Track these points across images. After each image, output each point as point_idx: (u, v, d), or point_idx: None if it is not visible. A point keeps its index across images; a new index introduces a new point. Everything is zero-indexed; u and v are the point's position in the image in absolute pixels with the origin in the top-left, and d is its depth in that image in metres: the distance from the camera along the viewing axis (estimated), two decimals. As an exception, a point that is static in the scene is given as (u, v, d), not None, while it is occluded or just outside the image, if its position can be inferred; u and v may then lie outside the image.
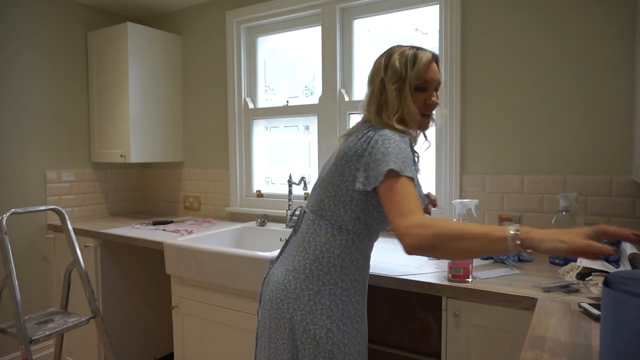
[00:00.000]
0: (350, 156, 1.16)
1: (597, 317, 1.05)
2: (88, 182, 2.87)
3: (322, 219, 1.22)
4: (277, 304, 1.21)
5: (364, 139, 1.16)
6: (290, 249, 1.30)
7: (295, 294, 1.19)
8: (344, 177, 1.17)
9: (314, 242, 1.21)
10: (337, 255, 1.20)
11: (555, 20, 1.80)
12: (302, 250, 1.22)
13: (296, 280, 1.20)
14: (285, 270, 1.25)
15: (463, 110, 2.01)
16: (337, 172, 1.19)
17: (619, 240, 1.50)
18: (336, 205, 1.19)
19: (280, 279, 1.24)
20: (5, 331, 1.73)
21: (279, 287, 1.22)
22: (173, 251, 1.97)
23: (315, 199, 1.25)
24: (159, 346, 2.78)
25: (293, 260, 1.24)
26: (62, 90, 2.72)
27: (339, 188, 1.18)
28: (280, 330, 1.20)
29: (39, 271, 2.64)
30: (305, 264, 1.21)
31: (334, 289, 1.19)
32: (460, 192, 2.02)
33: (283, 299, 1.20)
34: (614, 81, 1.71)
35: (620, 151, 1.71)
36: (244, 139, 2.71)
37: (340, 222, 1.20)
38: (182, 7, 2.89)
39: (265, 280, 1.33)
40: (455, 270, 1.40)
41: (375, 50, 2.29)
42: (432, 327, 2.07)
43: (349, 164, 1.16)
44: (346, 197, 1.18)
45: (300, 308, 1.17)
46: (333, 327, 1.17)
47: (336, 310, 1.19)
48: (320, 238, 1.21)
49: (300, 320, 1.17)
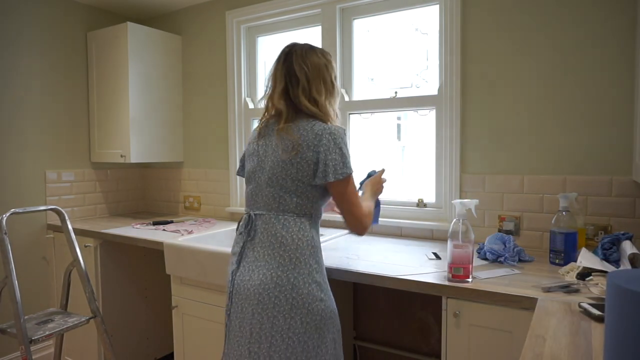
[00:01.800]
0: (304, 152, 1.30)
1: (597, 317, 1.05)
2: (88, 182, 2.87)
3: (285, 213, 1.34)
4: (273, 300, 1.29)
5: (313, 135, 1.31)
6: (257, 251, 1.35)
7: (290, 285, 1.29)
8: (300, 170, 1.31)
9: (289, 235, 1.32)
10: (311, 238, 1.35)
11: (555, 20, 1.80)
12: (280, 246, 1.32)
13: (287, 273, 1.30)
14: (267, 270, 1.31)
15: (463, 110, 2.01)
16: (294, 167, 1.31)
17: (619, 240, 1.50)
18: (298, 197, 1.33)
19: (267, 279, 1.30)
20: (5, 331, 1.73)
21: (270, 286, 1.29)
22: (173, 251, 1.97)
23: (270, 198, 1.35)
24: (159, 346, 2.78)
25: (273, 258, 1.32)
26: (62, 90, 2.72)
27: (298, 181, 1.32)
28: (281, 320, 1.28)
29: (39, 271, 2.64)
30: (290, 257, 1.31)
31: (316, 267, 1.35)
32: (460, 192, 2.02)
33: (283, 291, 1.29)
34: (614, 81, 1.71)
35: (620, 151, 1.71)
36: (244, 139, 2.71)
37: (303, 210, 1.35)
38: (182, 7, 2.89)
39: (234, 287, 1.38)
40: (455, 270, 1.40)
41: (375, 50, 2.30)
42: (432, 327, 2.07)
43: (305, 158, 1.31)
44: (305, 187, 1.33)
45: (300, 294, 1.29)
46: (323, 295, 1.34)
47: (323, 284, 1.36)
48: (292, 229, 1.33)
49: (302, 303, 1.29)
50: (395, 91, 2.23)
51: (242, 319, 1.35)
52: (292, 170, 1.32)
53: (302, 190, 1.33)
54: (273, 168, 1.34)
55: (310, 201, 1.35)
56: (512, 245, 1.64)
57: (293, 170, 1.31)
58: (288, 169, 1.32)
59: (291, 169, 1.32)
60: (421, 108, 2.17)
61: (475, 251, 1.72)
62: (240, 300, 1.36)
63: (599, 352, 0.87)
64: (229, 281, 1.42)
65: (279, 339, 1.28)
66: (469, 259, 1.39)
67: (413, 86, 2.20)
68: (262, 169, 1.38)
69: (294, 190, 1.33)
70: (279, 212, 1.34)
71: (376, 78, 2.32)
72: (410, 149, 2.36)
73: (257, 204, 1.38)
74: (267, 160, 1.37)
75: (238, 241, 1.43)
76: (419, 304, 2.10)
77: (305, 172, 1.31)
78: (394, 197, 2.24)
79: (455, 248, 1.39)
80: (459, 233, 1.38)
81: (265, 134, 1.41)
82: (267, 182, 1.35)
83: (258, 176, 1.39)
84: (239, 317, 1.36)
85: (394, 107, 2.23)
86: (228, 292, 1.42)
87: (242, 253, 1.39)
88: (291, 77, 1.36)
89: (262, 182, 1.37)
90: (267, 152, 1.38)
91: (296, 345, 1.28)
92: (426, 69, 2.17)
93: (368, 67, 2.33)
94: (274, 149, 1.36)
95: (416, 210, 2.15)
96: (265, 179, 1.36)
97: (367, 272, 1.56)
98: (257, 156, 1.41)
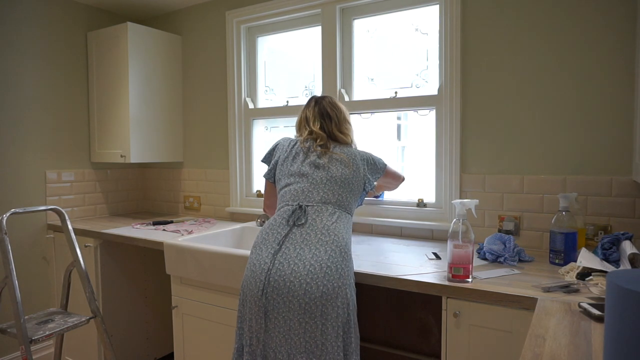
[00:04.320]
0: (358, 165, 1.65)
1: (597, 317, 1.05)
2: (88, 182, 2.87)
3: (340, 208, 1.57)
4: (321, 288, 1.38)
5: (357, 153, 1.69)
6: (303, 238, 1.47)
7: (339, 275, 1.42)
8: (356, 178, 1.63)
9: (339, 228, 1.51)
10: (350, 233, 1.58)
11: (556, 20, 1.80)
12: (331, 239, 1.47)
13: (335, 263, 1.42)
14: (314, 257, 1.42)
15: (463, 110, 2.01)
16: (352, 175, 1.62)
17: (619, 240, 1.50)
18: (350, 197, 1.61)
19: (315, 266, 1.40)
20: (5, 331, 1.73)
21: (320, 273, 1.39)
22: (173, 251, 1.97)
23: (330, 193, 1.58)
24: (159, 346, 2.78)
25: (323, 246, 1.44)
26: (62, 90, 2.72)
27: (353, 185, 1.62)
28: (329, 307, 1.38)
29: (39, 271, 2.64)
30: (340, 247, 1.46)
31: (352, 262, 1.56)
32: (460, 192, 2.03)
33: (330, 280, 1.39)
34: (614, 81, 1.71)
35: (620, 151, 1.71)
36: (244, 139, 2.71)
37: (350, 209, 1.62)
38: (182, 7, 2.90)
39: (272, 270, 1.42)
40: (455, 270, 1.40)
41: (375, 50, 2.30)
42: (432, 327, 2.07)
43: (358, 170, 1.64)
44: (357, 191, 1.64)
45: (346, 284, 1.43)
46: (354, 293, 1.51)
47: (353, 277, 1.53)
48: (342, 224, 1.53)
49: (347, 295, 1.42)
50: (395, 91, 2.23)
51: (283, 304, 1.40)
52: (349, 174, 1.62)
53: (355, 192, 1.63)
54: (341, 173, 1.62)
55: (354, 201, 1.65)
56: (512, 246, 1.64)
57: (351, 176, 1.62)
58: (346, 175, 1.61)
59: (349, 175, 1.62)
60: (421, 108, 2.17)
61: (475, 251, 1.72)
62: (288, 281, 1.40)
63: (599, 352, 0.87)
64: (264, 271, 1.44)
65: (329, 328, 1.38)
66: (469, 259, 1.39)
67: (413, 86, 2.20)
68: (320, 167, 1.62)
69: (349, 191, 1.61)
70: (335, 206, 1.57)
71: (376, 78, 2.32)
72: (410, 149, 2.36)
73: (315, 197, 1.57)
74: (331, 164, 1.63)
75: (279, 230, 1.51)
76: (419, 304, 2.10)
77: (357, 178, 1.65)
78: (394, 197, 2.24)
79: (455, 248, 1.39)
80: (459, 233, 1.39)
81: (309, 146, 1.69)
82: (331, 181, 1.59)
83: (313, 173, 1.63)
84: (279, 302, 1.41)
85: (394, 107, 2.23)
86: (260, 284, 1.44)
87: (283, 238, 1.49)
88: (324, 116, 1.73)
89: (321, 179, 1.60)
90: (319, 159, 1.64)
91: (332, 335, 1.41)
92: (426, 69, 2.17)
93: (368, 67, 2.33)
94: (329, 159, 1.64)
95: (416, 210, 2.16)
96: (329, 178, 1.60)
97: (367, 272, 1.56)
98: (307, 158, 1.66)
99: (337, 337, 1.39)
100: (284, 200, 1.61)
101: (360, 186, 1.65)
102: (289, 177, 1.65)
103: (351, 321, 1.45)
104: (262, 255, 1.47)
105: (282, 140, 1.80)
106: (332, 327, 1.38)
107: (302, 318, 1.37)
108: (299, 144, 1.71)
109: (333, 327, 1.38)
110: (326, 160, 1.63)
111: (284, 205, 1.59)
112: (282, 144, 1.77)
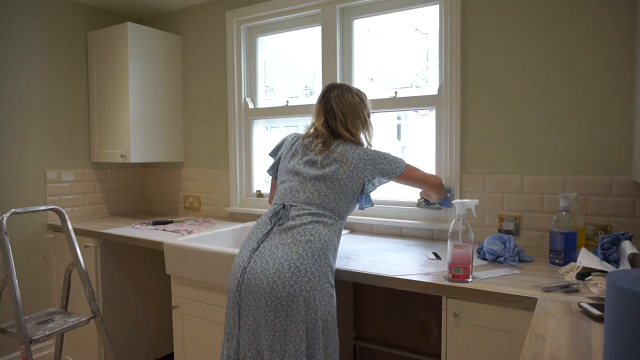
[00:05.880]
0: (357, 165, 1.56)
1: (597, 317, 1.05)
2: (88, 182, 2.87)
3: (324, 209, 1.52)
4: (287, 288, 1.36)
5: (362, 153, 1.60)
6: (281, 238, 1.46)
7: (307, 277, 1.38)
8: (353, 179, 1.56)
9: (318, 229, 1.46)
10: (336, 238, 1.52)
11: (556, 20, 1.80)
12: (306, 239, 1.43)
13: (305, 265, 1.39)
14: (285, 256, 1.40)
15: (463, 110, 2.01)
16: (347, 175, 1.55)
17: (618, 240, 1.50)
18: (340, 199, 1.55)
19: (284, 265, 1.38)
20: (6, 331, 1.73)
21: (287, 273, 1.37)
22: (173, 251, 1.97)
23: (316, 193, 1.53)
24: (159, 346, 2.78)
25: (295, 246, 1.42)
26: (62, 90, 2.72)
27: (346, 186, 1.55)
28: (294, 308, 1.36)
29: (39, 271, 2.64)
30: (314, 249, 1.42)
31: (331, 266, 1.49)
32: (460, 192, 2.03)
33: (297, 281, 1.37)
34: (614, 81, 1.71)
35: (620, 151, 1.71)
36: (244, 139, 2.71)
37: (339, 211, 1.55)
38: (182, 7, 2.89)
39: (247, 268, 1.43)
40: (455, 270, 1.40)
41: (375, 50, 2.30)
42: (432, 327, 2.07)
43: (357, 170, 1.56)
44: (351, 193, 1.57)
45: (315, 288, 1.39)
46: (330, 299, 1.45)
47: (332, 285, 1.47)
48: (323, 225, 1.48)
49: (314, 299, 1.38)
50: (395, 91, 2.23)
51: (253, 301, 1.41)
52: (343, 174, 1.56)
53: (347, 194, 1.56)
54: (332, 171, 1.56)
55: (347, 204, 1.58)
56: (512, 246, 1.64)
57: (344, 176, 1.56)
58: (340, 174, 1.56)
59: (343, 174, 1.56)
60: (421, 108, 2.17)
61: (475, 251, 1.72)
62: (257, 279, 1.40)
63: (599, 352, 0.87)
64: (241, 269, 1.46)
65: (293, 329, 1.35)
66: (469, 259, 1.39)
67: (413, 86, 2.20)
68: (314, 166, 1.58)
69: (339, 192, 1.54)
70: (319, 207, 1.52)
71: (376, 78, 2.32)
72: (410, 149, 2.36)
73: (299, 197, 1.54)
74: (323, 162, 1.57)
75: (262, 229, 1.51)
76: (419, 304, 2.10)
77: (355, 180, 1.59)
78: (394, 197, 2.24)
79: (455, 248, 1.39)
80: (459, 233, 1.39)
81: (311, 143, 1.65)
82: (318, 180, 1.54)
83: (304, 172, 1.58)
84: (249, 299, 1.42)
85: (394, 107, 2.23)
86: (236, 281, 1.46)
87: (262, 237, 1.48)
88: (328, 111, 1.64)
89: (310, 177, 1.55)
90: (316, 157, 1.59)
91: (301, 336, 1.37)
92: (426, 69, 2.17)
93: (368, 67, 2.33)
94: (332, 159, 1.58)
95: (416, 210, 2.16)
96: (318, 176, 1.55)
97: (367, 272, 1.55)
98: (305, 156, 1.62)
99: (301, 340, 1.35)
100: (275, 199, 1.62)
101: (358, 187, 1.58)
102: (285, 174, 1.65)
103: (318, 327, 1.39)
104: (243, 253, 1.50)
105: (290, 135, 1.79)
106: (295, 329, 1.35)
107: (268, 316, 1.37)
108: (300, 140, 1.69)
109: (297, 330, 1.35)
110: (322, 159, 1.58)
111: (273, 203, 1.61)
112: (287, 140, 1.76)
